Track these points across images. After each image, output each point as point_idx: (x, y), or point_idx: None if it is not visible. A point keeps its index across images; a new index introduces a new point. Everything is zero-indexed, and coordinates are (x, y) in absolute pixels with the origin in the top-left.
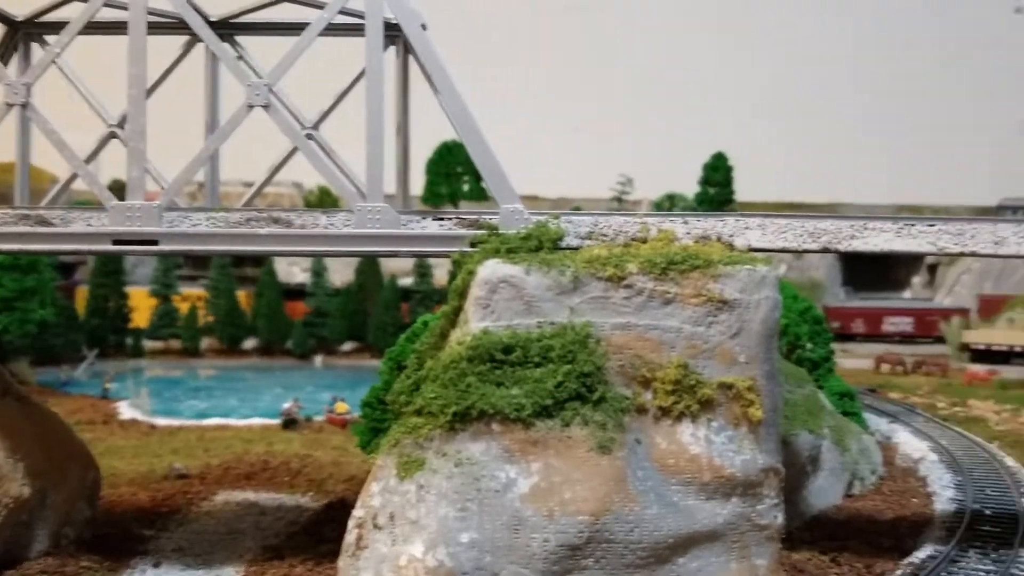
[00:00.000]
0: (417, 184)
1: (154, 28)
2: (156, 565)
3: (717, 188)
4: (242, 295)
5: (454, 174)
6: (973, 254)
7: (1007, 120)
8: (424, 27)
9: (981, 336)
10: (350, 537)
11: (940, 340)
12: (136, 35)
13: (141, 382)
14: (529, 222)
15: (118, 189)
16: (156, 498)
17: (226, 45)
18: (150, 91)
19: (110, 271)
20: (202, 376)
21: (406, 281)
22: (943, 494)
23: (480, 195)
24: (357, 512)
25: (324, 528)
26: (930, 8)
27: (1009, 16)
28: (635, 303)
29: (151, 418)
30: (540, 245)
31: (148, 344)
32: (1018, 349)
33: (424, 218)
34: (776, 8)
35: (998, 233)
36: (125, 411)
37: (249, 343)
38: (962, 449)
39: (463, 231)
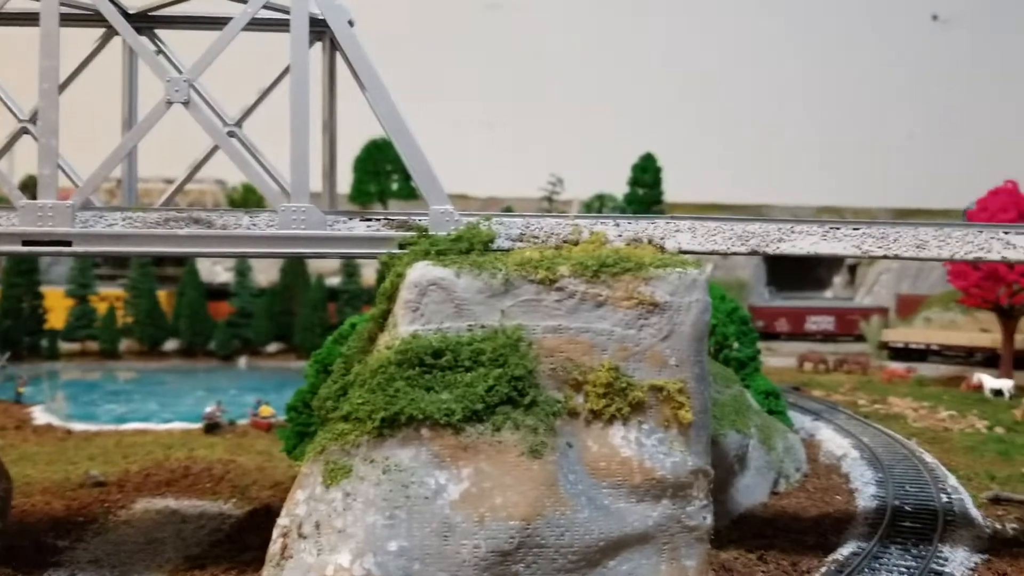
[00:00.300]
0: (344, 182)
1: (68, 20)
2: None
3: (646, 189)
4: (163, 295)
5: (383, 172)
6: (896, 257)
7: (927, 124)
8: (351, 23)
9: (899, 335)
10: (274, 547)
11: (860, 338)
12: (48, 27)
13: (56, 385)
14: (459, 224)
15: (34, 186)
16: (72, 507)
17: (144, 39)
18: (64, 85)
19: (24, 270)
20: (121, 379)
21: (333, 281)
22: (865, 491)
23: (410, 193)
24: (282, 521)
25: (248, 536)
26: (851, 13)
27: (928, 23)
28: (567, 306)
29: (67, 423)
30: (471, 247)
31: (64, 346)
32: (935, 347)
33: (351, 219)
34: (702, 9)
35: (919, 237)
36: (39, 416)
37: (170, 344)
38: (882, 446)
39: (391, 233)
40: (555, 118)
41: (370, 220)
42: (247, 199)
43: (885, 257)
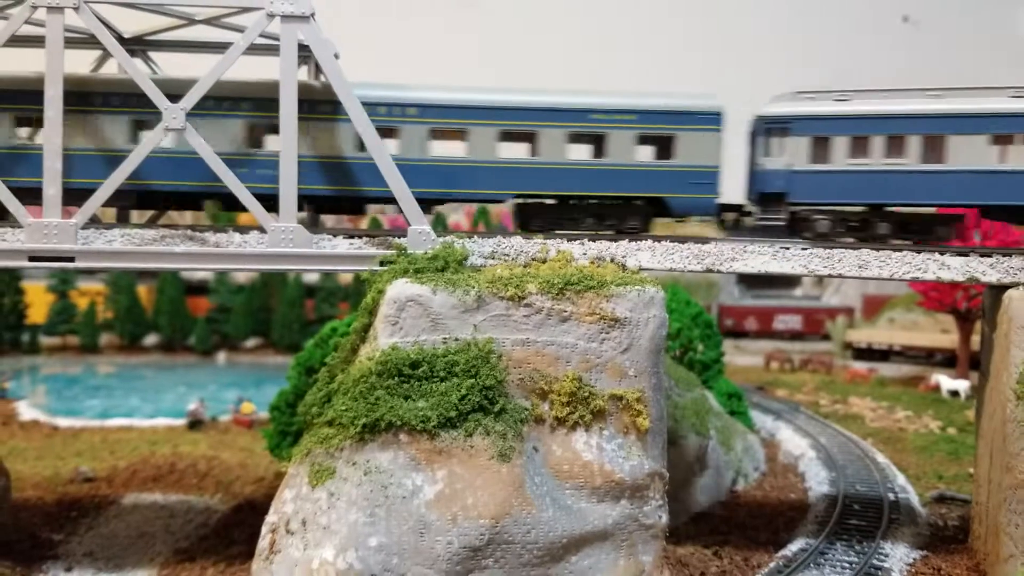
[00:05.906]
0: None
1: (66, 43)
2: (68, 569)
3: None
4: (143, 290)
5: None
6: (840, 276)
7: None
8: (337, 56)
9: (863, 335)
10: (263, 542)
11: (827, 337)
12: (53, 59)
13: (38, 379)
14: (436, 243)
15: None
16: (64, 501)
17: (139, 62)
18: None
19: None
20: (101, 373)
21: (311, 278)
22: (818, 489)
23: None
24: (270, 518)
25: (234, 531)
26: (823, 14)
27: (898, 24)
28: (534, 321)
29: (53, 419)
30: (446, 265)
31: (45, 340)
32: (897, 348)
33: (335, 237)
34: (660, 8)
35: (861, 257)
36: (25, 412)
37: (150, 339)
38: (838, 446)
39: (372, 251)
40: None
41: (353, 238)
42: None
43: (830, 276)
